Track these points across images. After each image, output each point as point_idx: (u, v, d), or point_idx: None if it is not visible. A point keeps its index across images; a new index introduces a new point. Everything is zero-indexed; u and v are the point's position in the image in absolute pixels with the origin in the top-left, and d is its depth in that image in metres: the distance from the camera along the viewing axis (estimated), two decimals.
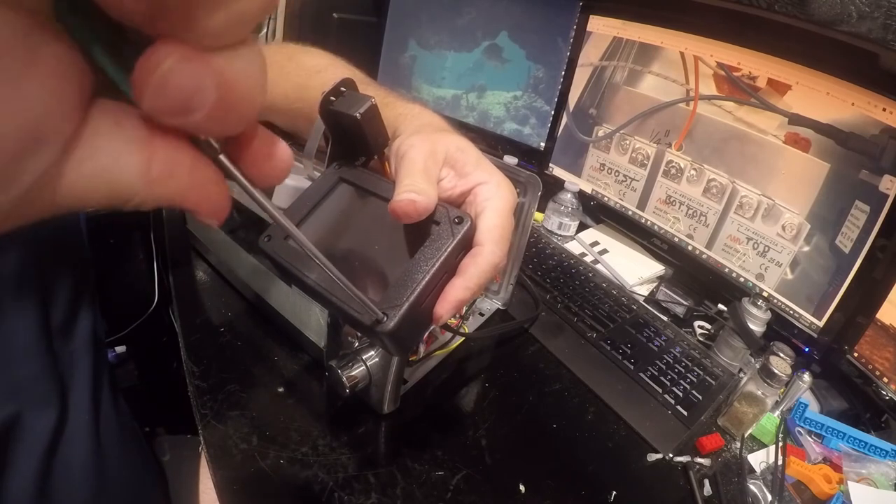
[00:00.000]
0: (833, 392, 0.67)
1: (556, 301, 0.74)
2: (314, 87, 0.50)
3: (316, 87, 0.50)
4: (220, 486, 0.43)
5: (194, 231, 0.75)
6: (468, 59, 1.13)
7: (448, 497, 0.45)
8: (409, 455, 0.48)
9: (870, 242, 0.63)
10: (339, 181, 0.45)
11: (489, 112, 1.12)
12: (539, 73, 1.02)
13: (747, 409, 0.56)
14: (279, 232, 0.42)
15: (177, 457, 0.63)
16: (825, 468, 0.54)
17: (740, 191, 0.76)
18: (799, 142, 0.68)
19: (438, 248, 0.35)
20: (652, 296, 0.83)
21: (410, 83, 1.25)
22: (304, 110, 0.52)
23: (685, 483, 0.51)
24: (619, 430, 0.56)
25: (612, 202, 0.95)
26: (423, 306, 0.35)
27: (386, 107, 0.45)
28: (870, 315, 0.62)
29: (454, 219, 0.36)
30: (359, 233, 0.41)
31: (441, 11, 1.15)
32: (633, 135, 0.89)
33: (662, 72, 0.83)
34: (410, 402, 0.55)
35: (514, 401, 0.57)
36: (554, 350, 0.65)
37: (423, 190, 0.34)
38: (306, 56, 0.55)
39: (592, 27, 0.92)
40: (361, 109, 0.40)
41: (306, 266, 0.39)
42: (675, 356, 0.66)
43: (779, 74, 0.69)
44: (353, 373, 0.47)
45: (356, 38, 1.24)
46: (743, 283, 0.77)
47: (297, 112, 0.52)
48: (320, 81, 0.51)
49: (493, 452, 0.50)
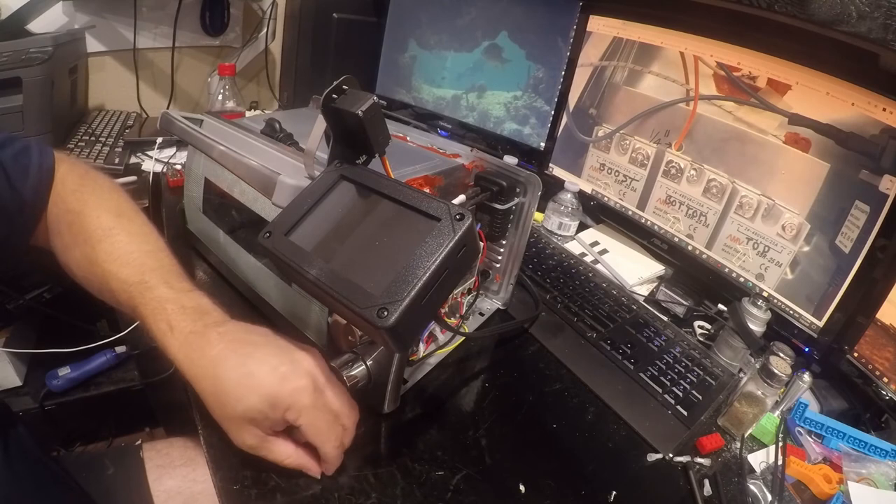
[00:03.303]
0: (833, 392, 0.67)
1: (555, 301, 0.74)
2: (98, 262, 0.47)
3: (99, 261, 0.47)
4: (220, 486, 0.43)
5: (194, 231, 0.74)
6: (468, 59, 1.13)
7: (448, 497, 0.45)
8: (409, 455, 0.48)
9: (870, 242, 0.63)
10: (340, 178, 0.45)
11: (489, 112, 1.12)
12: (539, 73, 1.02)
13: (747, 409, 0.56)
14: (279, 229, 0.42)
15: (122, 467, 0.60)
16: (825, 468, 0.54)
17: (740, 191, 0.76)
18: (799, 142, 0.69)
19: (439, 244, 0.35)
20: (652, 296, 0.83)
21: (410, 83, 1.25)
22: (95, 285, 0.48)
23: (685, 483, 0.51)
24: (619, 430, 0.56)
25: (612, 202, 0.95)
26: (424, 302, 0.35)
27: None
28: (870, 315, 0.62)
29: (455, 216, 0.36)
30: (360, 229, 0.41)
31: (441, 11, 1.15)
32: (633, 135, 0.89)
33: (662, 72, 0.83)
34: (410, 402, 0.54)
35: (514, 401, 0.57)
36: (554, 350, 0.65)
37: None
38: (94, 213, 0.50)
39: (592, 27, 0.93)
40: (364, 107, 0.40)
41: (306, 262, 0.39)
42: (675, 356, 0.66)
43: (779, 74, 0.69)
44: (353, 373, 0.47)
45: (356, 38, 1.24)
46: (743, 283, 0.77)
47: (91, 285, 0.49)
48: (103, 254, 0.47)
49: (493, 452, 0.50)
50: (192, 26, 1.33)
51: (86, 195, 0.51)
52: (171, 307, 0.43)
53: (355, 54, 1.25)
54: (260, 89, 1.53)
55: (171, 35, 1.29)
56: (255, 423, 0.40)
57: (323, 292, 0.37)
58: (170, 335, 0.41)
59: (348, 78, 0.43)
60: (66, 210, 0.50)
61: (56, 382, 0.91)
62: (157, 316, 0.42)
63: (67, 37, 1.00)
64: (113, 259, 0.47)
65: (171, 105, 1.39)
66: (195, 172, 0.70)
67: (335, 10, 1.18)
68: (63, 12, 1.12)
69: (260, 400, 0.39)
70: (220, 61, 1.33)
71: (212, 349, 0.40)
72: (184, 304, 0.43)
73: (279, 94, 1.44)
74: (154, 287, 0.44)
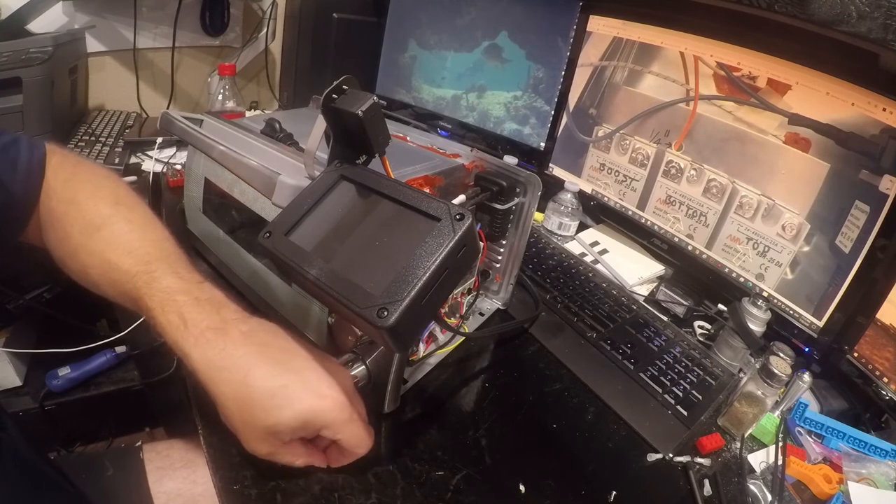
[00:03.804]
0: (833, 392, 0.66)
1: (555, 301, 0.74)
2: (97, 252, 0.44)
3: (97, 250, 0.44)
4: (220, 486, 0.43)
5: (194, 231, 0.74)
6: (468, 59, 1.13)
7: (448, 497, 0.45)
8: (409, 455, 0.48)
9: (870, 242, 0.63)
10: (340, 178, 0.45)
11: (489, 112, 1.12)
12: (539, 73, 1.02)
13: (747, 409, 0.56)
14: (279, 229, 0.42)
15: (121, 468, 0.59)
16: (825, 468, 0.54)
17: (740, 191, 0.76)
18: (799, 142, 0.69)
19: (439, 244, 0.35)
20: (652, 296, 0.83)
21: (410, 83, 1.25)
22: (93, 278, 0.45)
23: (685, 483, 0.51)
24: (619, 430, 0.56)
25: (612, 202, 0.95)
26: (424, 302, 0.35)
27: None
28: (870, 315, 0.62)
29: (455, 216, 0.36)
30: (360, 229, 0.41)
31: (441, 11, 1.15)
32: (633, 135, 0.89)
33: (662, 72, 0.83)
34: (410, 402, 0.54)
35: (514, 401, 0.57)
36: (554, 350, 0.65)
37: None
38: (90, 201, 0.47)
39: (592, 27, 0.93)
40: (364, 107, 0.40)
41: (306, 262, 0.39)
42: (675, 356, 0.66)
43: (779, 74, 0.69)
44: (353, 373, 0.47)
45: (356, 38, 1.24)
46: (743, 283, 0.77)
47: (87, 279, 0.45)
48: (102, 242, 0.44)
49: (493, 452, 0.50)
50: (192, 26, 1.33)
51: (80, 183, 0.48)
52: (183, 298, 0.39)
53: (355, 54, 1.25)
54: (260, 89, 1.53)
55: (171, 35, 1.29)
56: (279, 435, 0.38)
57: (323, 292, 0.37)
58: (183, 329, 0.38)
59: (348, 78, 0.43)
60: (59, 201, 0.47)
61: (56, 382, 0.91)
62: (167, 308, 0.39)
63: (67, 37, 1.00)
64: (113, 248, 0.43)
65: (171, 105, 1.39)
66: (195, 172, 0.70)
67: (335, 10, 1.18)
68: (63, 12, 1.12)
69: (294, 416, 0.36)
70: (220, 61, 1.33)
71: (237, 350, 0.37)
72: (197, 296, 0.40)
73: (279, 94, 1.44)
74: (161, 277, 0.41)
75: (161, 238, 0.46)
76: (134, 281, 0.41)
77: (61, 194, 0.47)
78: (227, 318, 0.39)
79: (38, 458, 0.50)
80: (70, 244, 0.46)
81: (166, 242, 0.45)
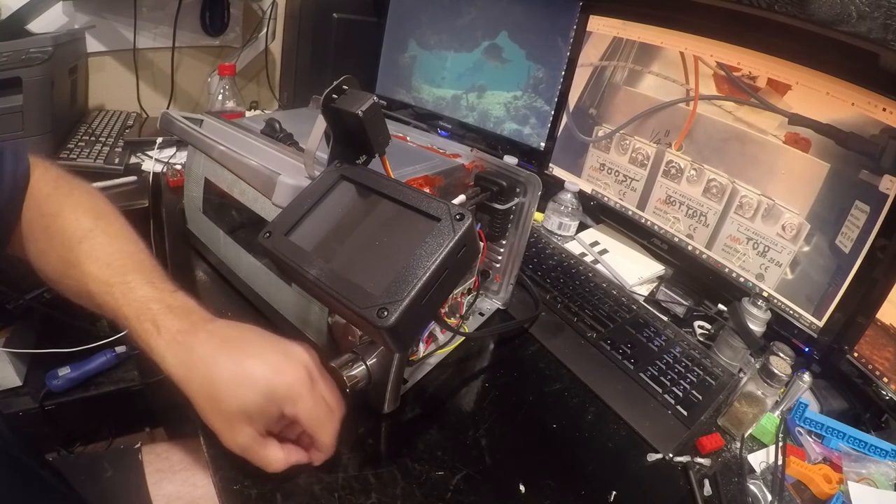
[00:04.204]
0: (833, 392, 0.66)
1: (555, 301, 0.74)
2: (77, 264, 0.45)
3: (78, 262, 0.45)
4: (220, 486, 0.43)
5: (194, 231, 0.74)
6: (468, 59, 1.13)
7: (448, 497, 0.45)
8: (409, 455, 0.48)
9: (870, 242, 0.63)
10: (340, 178, 0.45)
11: (489, 112, 1.12)
12: (539, 73, 1.02)
13: (747, 409, 0.56)
14: (279, 229, 0.42)
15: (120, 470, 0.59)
16: (825, 468, 0.54)
17: (740, 191, 0.76)
18: (799, 142, 0.69)
19: (439, 244, 0.35)
20: (652, 296, 0.83)
21: (410, 83, 1.25)
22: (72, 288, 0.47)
23: (685, 483, 0.51)
24: (619, 430, 0.56)
25: (612, 202, 0.95)
26: (424, 302, 0.35)
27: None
28: (870, 315, 0.62)
29: (455, 216, 0.36)
30: (360, 229, 0.41)
31: (441, 11, 1.15)
32: (633, 135, 0.89)
33: (662, 72, 0.83)
34: (410, 402, 0.54)
35: (514, 401, 0.57)
36: (554, 350, 0.65)
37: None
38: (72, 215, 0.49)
39: (592, 27, 0.93)
40: (364, 107, 0.40)
41: (306, 262, 0.39)
42: (675, 356, 0.66)
43: (779, 74, 0.69)
44: (353, 373, 0.47)
45: (356, 38, 1.24)
46: (743, 283, 0.77)
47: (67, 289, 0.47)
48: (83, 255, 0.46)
49: (493, 452, 0.50)
50: (192, 26, 1.33)
51: (62, 198, 0.50)
52: (157, 307, 0.42)
53: (355, 54, 1.25)
54: (260, 89, 1.53)
55: (171, 35, 1.29)
56: (250, 420, 0.39)
57: (323, 292, 0.37)
58: (156, 335, 0.40)
59: (348, 78, 0.43)
60: (41, 214, 0.49)
61: (56, 382, 0.91)
62: (142, 316, 0.41)
63: (67, 37, 1.00)
64: (93, 260, 0.45)
65: (171, 105, 1.39)
66: (195, 172, 0.70)
67: (335, 10, 1.18)
68: (63, 12, 1.12)
69: (257, 394, 0.38)
70: (220, 61, 1.33)
71: (202, 348, 0.39)
72: (169, 304, 0.42)
73: (279, 94, 1.44)
74: (137, 287, 0.43)
75: (138, 251, 0.48)
76: (112, 291, 0.43)
77: (44, 207, 0.49)
78: (195, 321, 0.42)
79: (33, 459, 0.50)
80: (51, 256, 0.48)
81: (143, 255, 0.48)
